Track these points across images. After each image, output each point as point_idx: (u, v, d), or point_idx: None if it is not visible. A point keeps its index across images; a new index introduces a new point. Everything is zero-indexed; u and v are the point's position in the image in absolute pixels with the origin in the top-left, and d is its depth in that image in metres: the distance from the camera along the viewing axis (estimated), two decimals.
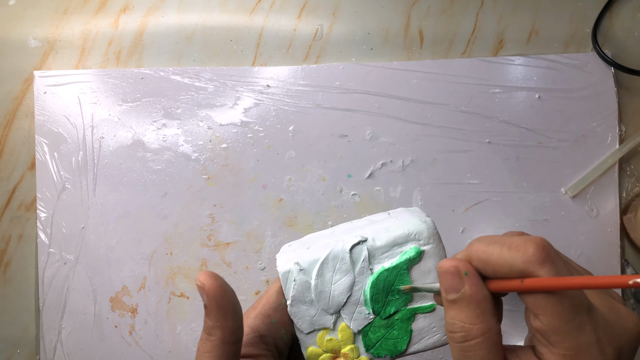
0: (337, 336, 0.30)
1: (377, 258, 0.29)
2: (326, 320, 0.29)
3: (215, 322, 0.25)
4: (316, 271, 0.29)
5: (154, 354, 0.53)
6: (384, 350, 0.30)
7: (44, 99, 0.55)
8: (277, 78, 0.54)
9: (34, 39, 0.56)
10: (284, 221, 0.54)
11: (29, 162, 0.55)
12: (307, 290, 0.29)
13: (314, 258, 0.29)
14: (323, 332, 0.30)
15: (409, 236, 0.29)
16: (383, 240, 0.29)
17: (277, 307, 0.30)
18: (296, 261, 0.29)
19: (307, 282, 0.29)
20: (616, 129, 0.53)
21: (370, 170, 0.54)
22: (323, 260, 0.29)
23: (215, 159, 0.54)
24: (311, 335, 0.30)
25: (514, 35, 0.54)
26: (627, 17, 0.54)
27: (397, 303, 0.29)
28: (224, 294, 0.25)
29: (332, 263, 0.29)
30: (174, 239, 0.54)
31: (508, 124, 0.53)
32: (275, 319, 0.29)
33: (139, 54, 0.56)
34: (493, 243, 0.22)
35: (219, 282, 0.25)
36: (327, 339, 0.30)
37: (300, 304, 0.29)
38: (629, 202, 0.53)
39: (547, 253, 0.21)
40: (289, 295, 0.29)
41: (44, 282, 0.54)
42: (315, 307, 0.29)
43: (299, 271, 0.29)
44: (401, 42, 0.55)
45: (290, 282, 0.29)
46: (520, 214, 0.53)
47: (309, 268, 0.29)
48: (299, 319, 0.29)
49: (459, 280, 0.22)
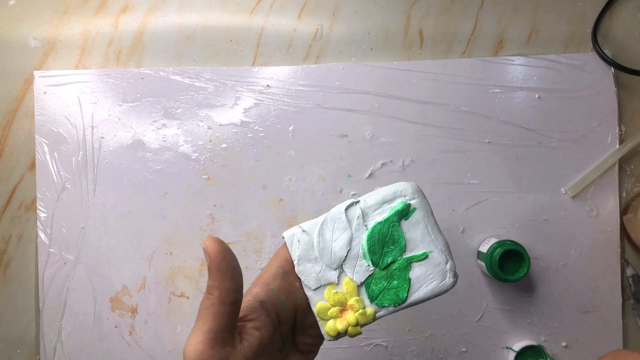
0: (342, 289, 0.32)
1: (370, 215, 0.33)
2: (331, 275, 0.32)
3: (214, 282, 0.27)
4: (317, 231, 0.33)
5: (154, 354, 0.53)
6: (387, 300, 0.32)
7: (44, 99, 0.55)
8: (277, 78, 0.54)
9: (34, 39, 0.56)
10: (284, 221, 0.54)
11: (29, 162, 0.55)
12: (310, 248, 0.32)
13: (314, 222, 0.33)
14: (329, 287, 0.32)
15: (395, 193, 0.33)
16: (373, 200, 0.33)
17: (275, 276, 0.33)
18: (299, 225, 0.33)
19: (310, 241, 0.32)
20: (616, 129, 0.53)
21: (370, 170, 0.54)
22: (322, 222, 0.33)
23: (215, 159, 0.54)
24: (318, 292, 0.32)
25: (514, 35, 0.54)
26: (627, 17, 0.54)
27: (393, 253, 0.32)
28: (224, 258, 0.27)
29: (331, 223, 0.33)
30: (174, 239, 0.54)
31: (508, 124, 0.53)
32: (275, 287, 0.32)
33: (139, 54, 0.56)
34: None
35: (221, 247, 0.27)
36: (333, 292, 0.32)
37: (305, 262, 0.32)
38: (629, 202, 0.53)
39: None
40: (295, 256, 0.32)
41: (44, 282, 0.54)
42: (320, 264, 0.32)
43: (302, 232, 0.33)
44: (401, 42, 0.55)
45: (295, 243, 0.33)
46: (520, 214, 0.53)
47: (310, 230, 0.33)
48: (306, 276, 0.32)
49: None
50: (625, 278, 0.52)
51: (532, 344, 0.50)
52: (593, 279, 0.52)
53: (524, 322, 0.52)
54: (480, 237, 0.53)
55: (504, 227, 0.53)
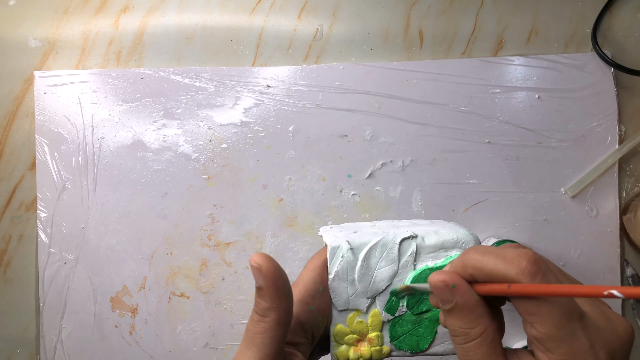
0: (367, 320, 0.31)
1: (423, 256, 0.31)
2: (361, 302, 0.31)
3: (271, 303, 0.25)
4: (364, 253, 0.30)
5: (154, 354, 0.53)
6: (406, 345, 0.31)
7: (44, 99, 0.55)
8: (277, 78, 0.54)
9: (34, 39, 0.56)
10: (284, 221, 0.54)
11: (29, 162, 0.55)
12: (351, 269, 0.30)
13: (363, 241, 0.30)
14: (354, 314, 0.31)
15: (456, 243, 0.31)
16: (432, 241, 0.31)
17: (315, 295, 0.30)
18: (347, 239, 0.31)
19: (354, 261, 0.30)
20: (616, 129, 0.53)
21: (370, 170, 0.54)
22: (372, 245, 0.30)
23: (215, 159, 0.54)
24: (343, 314, 0.31)
25: (514, 36, 0.54)
26: (627, 17, 0.54)
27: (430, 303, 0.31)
28: (281, 275, 0.25)
29: (381, 250, 0.30)
30: (174, 239, 0.54)
31: (508, 124, 0.53)
32: (314, 306, 0.30)
33: (139, 54, 0.56)
34: (488, 254, 0.23)
35: (275, 264, 0.25)
36: (357, 320, 0.31)
37: (341, 281, 0.30)
38: (628, 202, 0.53)
39: (539, 266, 0.22)
40: (332, 270, 0.30)
41: (44, 282, 0.54)
42: (355, 288, 0.31)
43: (349, 249, 0.30)
44: (401, 42, 0.55)
45: (338, 257, 0.30)
46: (520, 213, 0.53)
47: (357, 249, 0.30)
48: (337, 294, 0.31)
49: (450, 292, 0.24)
50: (625, 278, 0.52)
51: None
52: (593, 278, 0.52)
53: None
54: (480, 237, 0.53)
55: (503, 227, 0.53)
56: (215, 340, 0.53)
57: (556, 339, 0.21)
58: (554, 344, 0.22)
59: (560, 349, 0.21)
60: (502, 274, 0.22)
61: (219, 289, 0.54)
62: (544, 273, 0.22)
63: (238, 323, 0.54)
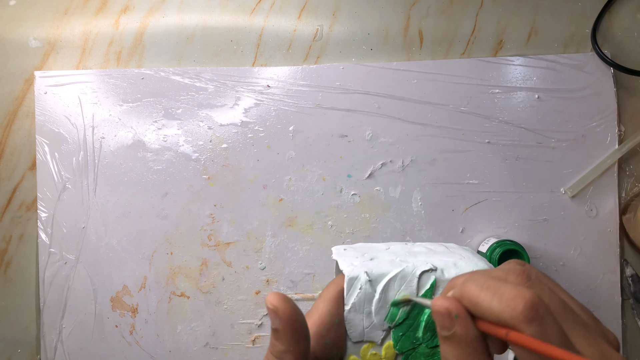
0: (381, 352, 0.30)
1: (441, 290, 0.30)
2: (376, 335, 0.30)
3: (288, 346, 0.24)
4: (382, 286, 0.29)
5: (154, 354, 0.54)
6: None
7: (44, 99, 0.55)
8: (277, 78, 0.54)
9: (35, 39, 0.56)
10: (284, 221, 0.54)
11: (30, 162, 0.55)
12: (368, 302, 0.29)
13: (382, 272, 0.30)
14: (368, 345, 0.30)
15: None
16: (452, 274, 0.30)
17: (331, 328, 0.29)
18: (366, 270, 0.29)
19: (372, 294, 0.29)
20: (615, 129, 0.53)
21: (370, 170, 0.54)
22: (392, 277, 0.29)
23: (215, 159, 0.54)
24: (357, 345, 0.30)
25: (514, 36, 0.55)
26: (626, 18, 0.54)
27: None
28: (298, 318, 0.24)
29: (400, 282, 0.29)
30: (174, 238, 0.54)
31: (507, 124, 0.53)
32: (329, 340, 0.29)
33: (140, 55, 0.56)
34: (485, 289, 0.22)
35: (293, 306, 0.24)
36: (371, 352, 0.30)
37: (357, 313, 0.29)
38: (628, 202, 0.53)
39: (536, 312, 0.21)
40: (349, 302, 0.29)
41: (44, 281, 0.54)
42: (370, 320, 0.30)
43: (367, 281, 0.29)
44: (401, 42, 0.55)
45: (355, 289, 0.29)
46: (520, 213, 0.53)
47: (375, 280, 0.29)
48: (352, 326, 0.30)
49: (451, 320, 0.23)
50: (624, 278, 0.52)
51: None
52: (592, 278, 0.52)
53: None
54: (480, 237, 0.53)
55: (503, 227, 0.53)
56: (215, 340, 0.54)
57: None
58: None
59: None
60: (497, 315, 0.21)
61: (219, 288, 0.54)
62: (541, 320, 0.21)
63: (238, 323, 0.54)
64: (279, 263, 0.54)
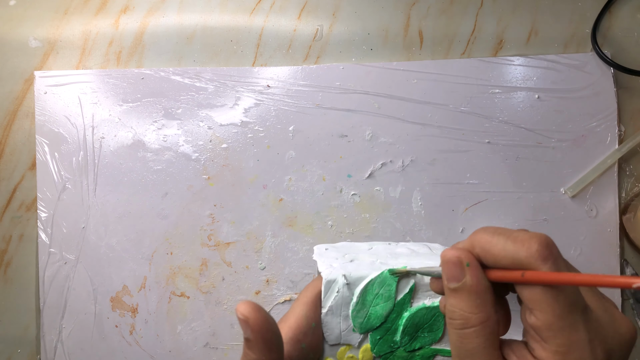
0: (357, 355, 0.30)
1: (420, 294, 0.30)
2: (353, 338, 0.30)
3: (259, 355, 0.24)
4: (360, 289, 0.29)
5: (154, 354, 0.54)
6: None
7: (44, 99, 0.55)
8: (277, 78, 0.54)
9: (35, 39, 0.56)
10: (284, 221, 0.54)
11: (30, 162, 0.55)
12: (346, 305, 0.29)
13: (360, 275, 0.29)
14: (345, 348, 0.30)
15: None
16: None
17: (307, 332, 0.29)
18: (344, 273, 0.29)
19: (349, 297, 0.29)
20: (615, 129, 0.53)
21: (370, 170, 0.54)
22: (370, 281, 0.29)
23: (215, 159, 0.54)
24: (334, 348, 0.30)
25: (514, 36, 0.55)
26: (626, 17, 0.54)
27: (424, 340, 0.30)
28: (269, 327, 0.24)
29: (378, 286, 0.29)
30: (174, 238, 0.54)
31: (507, 124, 0.53)
32: (306, 344, 0.29)
33: (140, 54, 0.56)
34: (498, 234, 0.22)
35: (264, 315, 0.24)
36: (347, 355, 0.30)
37: (334, 316, 0.29)
38: (628, 202, 0.53)
39: (550, 250, 0.22)
40: (326, 304, 0.29)
41: (44, 281, 0.54)
42: (347, 323, 0.30)
43: (345, 284, 0.29)
44: (401, 42, 0.55)
45: (333, 292, 0.29)
46: (520, 214, 0.53)
47: (354, 284, 0.29)
48: (329, 329, 0.30)
49: (461, 270, 0.23)
50: None
51: None
52: None
53: None
54: None
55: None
56: (216, 340, 0.54)
57: (555, 329, 0.21)
58: (552, 334, 0.21)
59: (557, 340, 0.21)
60: (511, 255, 0.21)
61: (219, 288, 0.54)
62: (555, 258, 0.21)
63: (238, 323, 0.54)
64: (279, 263, 0.54)
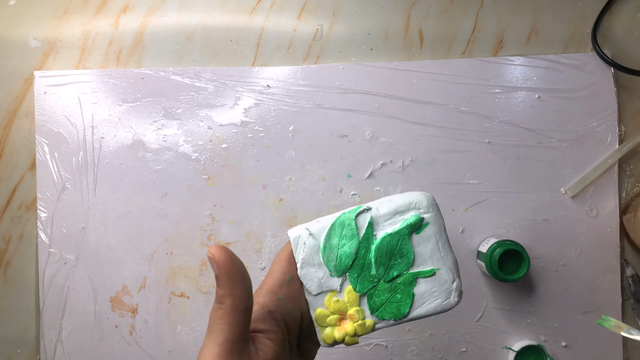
0: (343, 298, 0.32)
1: (381, 225, 0.32)
2: (333, 282, 0.32)
3: (225, 290, 0.26)
4: (324, 236, 0.31)
5: (154, 354, 0.53)
6: (388, 314, 0.31)
7: (44, 99, 0.55)
8: (277, 78, 0.54)
9: (34, 39, 0.56)
10: (284, 221, 0.54)
11: (29, 162, 0.55)
12: (315, 253, 0.31)
13: (322, 225, 0.32)
14: (330, 294, 0.32)
15: (409, 205, 0.32)
16: (385, 209, 0.32)
17: (282, 284, 0.31)
18: (306, 227, 0.32)
19: (316, 245, 0.31)
20: (616, 129, 0.53)
21: (370, 170, 0.54)
22: (330, 226, 0.32)
23: (215, 159, 0.54)
24: (319, 297, 0.32)
25: (514, 36, 0.55)
26: (627, 17, 0.54)
27: (400, 267, 0.31)
28: (233, 264, 0.26)
29: (339, 229, 0.32)
30: (174, 239, 0.54)
31: (508, 124, 0.53)
32: (282, 295, 0.31)
33: (139, 54, 0.56)
34: None
35: (228, 254, 0.26)
36: (334, 300, 0.31)
37: (309, 267, 0.32)
38: (628, 202, 0.53)
39: None
40: (299, 259, 0.32)
41: (44, 282, 0.54)
42: (323, 270, 0.32)
43: (309, 235, 0.31)
44: (401, 42, 0.55)
45: (301, 246, 0.32)
46: (520, 213, 0.53)
47: (317, 233, 0.32)
48: (308, 280, 0.32)
49: None
50: (624, 278, 0.52)
51: (532, 344, 0.51)
52: (593, 279, 0.52)
53: (524, 322, 0.52)
54: (480, 237, 0.53)
55: (503, 227, 0.53)
56: None
57: None
58: None
59: None
60: None
61: None
62: None
63: None
64: None
